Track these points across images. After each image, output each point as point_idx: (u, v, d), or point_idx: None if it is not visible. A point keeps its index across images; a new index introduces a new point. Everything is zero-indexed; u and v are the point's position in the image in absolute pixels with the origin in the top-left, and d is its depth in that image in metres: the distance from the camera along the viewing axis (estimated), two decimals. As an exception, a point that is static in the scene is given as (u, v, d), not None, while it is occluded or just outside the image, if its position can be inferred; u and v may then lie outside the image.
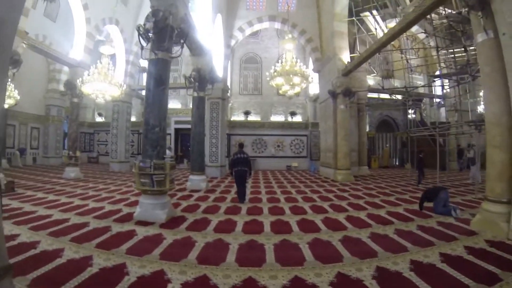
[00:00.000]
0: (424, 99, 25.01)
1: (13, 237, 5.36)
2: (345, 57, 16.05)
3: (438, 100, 24.44)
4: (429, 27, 16.38)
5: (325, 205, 8.89)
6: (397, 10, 15.25)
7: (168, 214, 6.95)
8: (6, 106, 16.19)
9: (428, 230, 6.16)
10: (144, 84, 23.67)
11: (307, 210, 8.17)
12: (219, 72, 17.73)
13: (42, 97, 22.98)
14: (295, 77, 12.67)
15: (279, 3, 20.88)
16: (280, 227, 6.39)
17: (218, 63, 17.97)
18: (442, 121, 21.17)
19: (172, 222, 6.73)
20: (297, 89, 13.40)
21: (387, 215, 7.54)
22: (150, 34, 7.52)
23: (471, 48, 13.36)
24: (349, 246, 5.13)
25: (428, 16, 12.13)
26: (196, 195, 10.69)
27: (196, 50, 12.50)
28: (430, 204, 8.06)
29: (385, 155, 25.95)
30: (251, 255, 4.72)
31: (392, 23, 14.50)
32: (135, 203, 7.60)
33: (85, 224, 6.37)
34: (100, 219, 6.83)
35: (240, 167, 9.34)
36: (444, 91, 19.79)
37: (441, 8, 14.18)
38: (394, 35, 10.83)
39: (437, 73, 17.07)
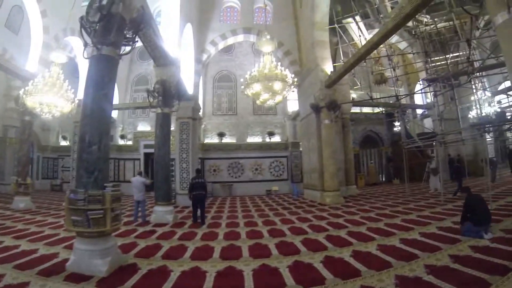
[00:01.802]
0: (407, 111, 23.88)
1: None
2: (328, 67, 14.69)
3: (421, 111, 23.66)
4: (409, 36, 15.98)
5: (321, 237, 7.05)
6: (379, 18, 14.26)
7: (111, 264, 5.02)
8: None
9: (468, 262, 4.64)
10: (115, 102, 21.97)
11: (300, 247, 6.30)
12: (189, 89, 16.05)
13: (-1, 117, 20.47)
14: (276, 83, 10.53)
15: (255, 15, 19.74)
16: (267, 278, 4.58)
17: (188, 80, 16.36)
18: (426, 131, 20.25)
19: (116, 276, 4.83)
20: (278, 98, 11.01)
21: (404, 245, 5.88)
22: (96, 26, 5.79)
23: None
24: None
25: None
26: (160, 230, 8.67)
27: (160, 60, 10.80)
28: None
29: (371, 172, 24.45)
30: None
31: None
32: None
33: (-3, 278, 4.54)
34: (22, 270, 5.02)
35: (199, 191, 9.71)
36: (428, 100, 19.71)
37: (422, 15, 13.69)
38: (386, 34, 9.41)
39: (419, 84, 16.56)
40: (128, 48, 6.62)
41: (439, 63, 13.65)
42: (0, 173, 20.54)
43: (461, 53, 14.06)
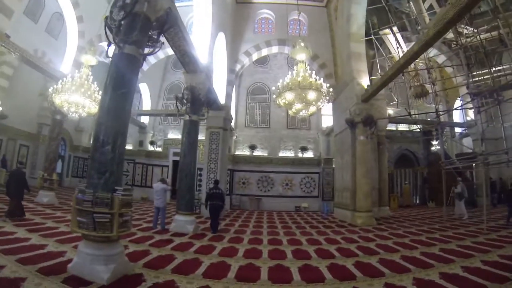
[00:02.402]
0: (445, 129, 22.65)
1: None
2: (364, 81, 14.04)
3: (460, 130, 22.84)
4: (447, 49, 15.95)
5: (349, 263, 6.33)
6: (417, 29, 13.61)
7: (115, 272, 4.65)
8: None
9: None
10: (143, 108, 22.21)
11: (325, 273, 5.62)
12: (221, 99, 15.81)
13: (35, 115, 20.98)
14: (310, 92, 9.90)
15: (290, 27, 19.39)
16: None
17: (220, 89, 16.17)
18: (465, 152, 19.26)
19: (118, 285, 4.52)
20: (312, 109, 10.43)
21: (445, 281, 5.06)
22: (119, 24, 5.68)
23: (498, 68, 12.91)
24: None
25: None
26: (177, 240, 8.26)
27: (190, 66, 10.60)
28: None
29: (406, 193, 23.03)
30: None
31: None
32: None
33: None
34: (23, 264, 4.86)
35: (215, 201, 10.02)
36: (468, 118, 19.01)
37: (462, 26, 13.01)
38: (427, 42, 8.66)
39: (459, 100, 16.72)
40: (154, 49, 6.40)
41: (481, 77, 12.88)
42: (32, 168, 20.85)
43: (505, 66, 13.19)
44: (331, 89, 10.76)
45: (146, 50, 6.11)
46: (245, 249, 7.60)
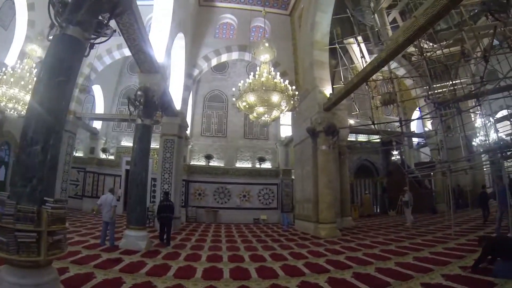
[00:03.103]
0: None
1: None
2: (327, 90, 13.75)
3: (417, 140, 23.45)
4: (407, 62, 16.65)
5: (322, 280, 5.68)
6: (381, 40, 13.71)
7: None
8: None
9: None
10: (96, 111, 20.57)
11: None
12: (177, 104, 14.86)
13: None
14: (274, 95, 9.14)
15: (252, 34, 18.96)
16: None
17: (177, 94, 15.21)
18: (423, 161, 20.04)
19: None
20: (275, 113, 9.62)
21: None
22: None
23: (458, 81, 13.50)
24: None
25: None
26: (127, 259, 7.21)
27: (145, 65, 9.70)
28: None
29: (367, 203, 22.98)
30: None
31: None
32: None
33: None
34: None
35: (166, 213, 9.94)
36: (426, 129, 19.67)
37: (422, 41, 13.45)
38: (396, 49, 8.45)
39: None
40: (103, 38, 5.50)
41: (440, 90, 13.38)
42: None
43: (463, 80, 13.70)
44: (296, 92, 10.15)
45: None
46: (203, 268, 6.74)
